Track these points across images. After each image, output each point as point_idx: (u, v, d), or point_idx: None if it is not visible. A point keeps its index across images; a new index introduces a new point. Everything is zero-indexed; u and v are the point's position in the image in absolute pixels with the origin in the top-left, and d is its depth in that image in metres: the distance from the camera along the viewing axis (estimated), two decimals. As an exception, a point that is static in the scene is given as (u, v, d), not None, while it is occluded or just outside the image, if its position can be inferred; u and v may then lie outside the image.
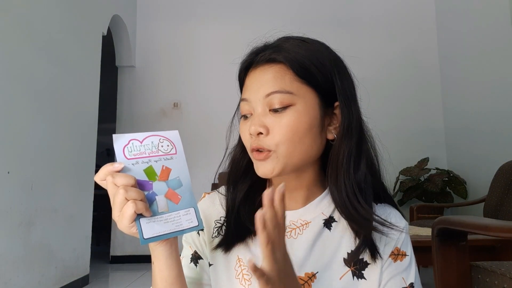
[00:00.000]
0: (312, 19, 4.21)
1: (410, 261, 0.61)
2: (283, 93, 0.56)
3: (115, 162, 0.50)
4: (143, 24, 4.32)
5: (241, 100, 0.61)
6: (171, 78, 4.24)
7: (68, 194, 2.83)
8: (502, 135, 3.21)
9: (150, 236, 0.49)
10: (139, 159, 0.51)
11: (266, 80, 0.57)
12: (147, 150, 0.52)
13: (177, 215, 0.51)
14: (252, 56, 0.61)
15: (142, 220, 0.49)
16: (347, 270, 0.59)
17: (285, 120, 0.56)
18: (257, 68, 0.59)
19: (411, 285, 0.59)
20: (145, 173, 0.51)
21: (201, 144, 3.94)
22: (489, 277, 1.15)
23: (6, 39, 2.18)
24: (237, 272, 0.61)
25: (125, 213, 0.47)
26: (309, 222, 0.62)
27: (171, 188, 0.52)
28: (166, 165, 0.52)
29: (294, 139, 0.56)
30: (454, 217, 1.12)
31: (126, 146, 0.51)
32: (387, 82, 4.18)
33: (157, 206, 0.50)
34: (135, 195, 0.48)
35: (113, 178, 0.48)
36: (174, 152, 0.53)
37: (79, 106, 3.03)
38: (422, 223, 2.70)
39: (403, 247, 0.61)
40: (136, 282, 3.18)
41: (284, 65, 0.57)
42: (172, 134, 0.54)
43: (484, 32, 3.45)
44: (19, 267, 2.23)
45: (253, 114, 0.58)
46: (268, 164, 0.57)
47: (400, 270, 0.59)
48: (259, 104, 0.57)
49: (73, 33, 2.94)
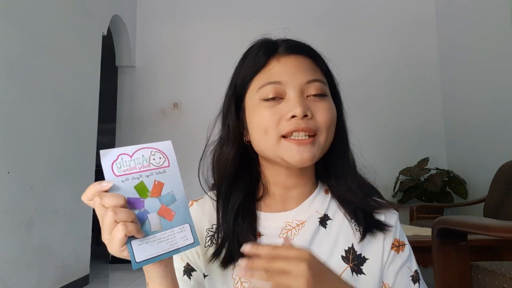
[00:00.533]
0: (312, 19, 4.21)
1: (409, 249, 0.63)
2: (322, 82, 0.59)
3: (103, 180, 0.47)
4: (143, 24, 4.32)
5: (269, 83, 0.57)
6: (171, 78, 4.24)
7: (68, 194, 2.83)
8: (502, 135, 3.21)
9: (143, 259, 0.46)
10: (129, 175, 0.48)
11: (305, 67, 0.58)
12: (137, 164, 0.48)
13: (171, 233, 0.48)
14: (274, 44, 0.61)
15: (133, 242, 0.45)
16: (346, 267, 0.59)
17: (326, 106, 0.57)
18: (290, 56, 0.59)
19: (416, 272, 0.61)
20: (136, 189, 0.47)
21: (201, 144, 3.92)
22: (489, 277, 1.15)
23: (6, 39, 2.18)
24: (235, 280, 0.59)
25: (115, 236, 0.44)
26: (304, 222, 0.62)
27: (164, 204, 0.48)
28: (158, 180, 0.49)
29: (330, 126, 0.58)
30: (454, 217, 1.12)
31: (115, 162, 0.48)
32: (387, 82, 4.18)
33: (149, 225, 0.47)
34: (125, 217, 0.44)
35: (100, 199, 0.45)
36: (167, 164, 0.50)
37: (79, 106, 3.03)
38: (422, 223, 2.70)
39: (401, 237, 0.63)
40: (136, 282, 3.18)
41: (314, 61, 0.60)
42: (164, 145, 0.51)
43: (484, 32, 3.45)
44: (19, 267, 2.23)
45: (285, 98, 0.57)
46: (309, 150, 0.55)
47: (404, 260, 0.61)
48: (297, 88, 0.57)
49: (73, 33, 2.94)
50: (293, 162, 0.56)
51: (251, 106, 0.59)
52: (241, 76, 0.61)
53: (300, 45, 0.61)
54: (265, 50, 0.60)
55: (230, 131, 0.63)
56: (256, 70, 0.59)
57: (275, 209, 0.63)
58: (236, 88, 0.62)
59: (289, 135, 0.55)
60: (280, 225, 0.62)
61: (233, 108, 0.63)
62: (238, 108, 0.63)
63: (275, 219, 0.62)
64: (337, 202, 0.63)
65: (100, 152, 0.48)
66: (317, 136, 0.56)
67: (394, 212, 0.63)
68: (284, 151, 0.56)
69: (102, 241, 0.46)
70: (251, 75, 0.60)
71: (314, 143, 0.56)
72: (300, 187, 0.63)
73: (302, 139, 0.55)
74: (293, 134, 0.55)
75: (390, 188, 3.87)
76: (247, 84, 0.60)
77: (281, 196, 0.63)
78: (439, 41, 4.22)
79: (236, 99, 0.63)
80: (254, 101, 0.59)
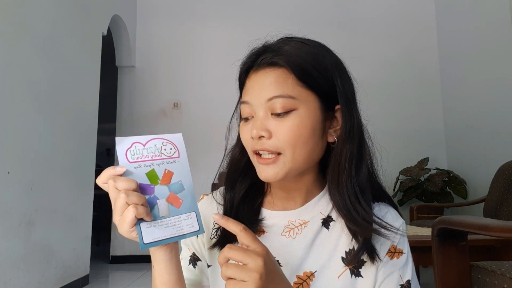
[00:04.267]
0: (312, 19, 4.21)
1: (406, 258, 0.61)
2: (286, 97, 0.55)
3: (117, 165, 0.50)
4: (143, 24, 4.32)
5: (241, 102, 0.60)
6: (171, 78, 4.24)
7: (68, 194, 2.83)
8: (502, 135, 3.21)
9: (151, 241, 0.49)
10: (142, 163, 0.51)
11: (268, 84, 0.56)
12: (149, 153, 0.51)
13: (178, 220, 0.51)
14: (252, 58, 0.60)
15: (142, 225, 0.49)
16: (345, 269, 0.59)
17: (288, 125, 0.55)
18: (258, 71, 0.58)
19: (408, 282, 0.60)
20: (147, 176, 0.51)
21: (201, 144, 3.94)
22: (489, 277, 1.15)
23: (6, 39, 2.18)
24: None
25: (125, 217, 0.47)
26: (308, 222, 0.62)
27: (173, 192, 0.51)
28: (168, 169, 0.52)
29: (297, 143, 0.55)
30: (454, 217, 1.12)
31: (129, 149, 0.51)
32: (387, 82, 4.18)
33: (158, 210, 0.50)
34: (136, 200, 0.47)
35: (114, 182, 0.48)
36: (177, 155, 0.53)
37: (79, 106, 3.03)
38: (422, 223, 2.70)
39: (400, 245, 0.61)
40: (136, 282, 3.18)
41: (286, 69, 0.56)
42: (175, 137, 0.54)
43: (484, 32, 3.45)
44: (19, 267, 2.23)
45: (254, 117, 0.58)
46: (272, 169, 0.56)
47: (397, 268, 0.60)
48: (260, 107, 0.57)
49: (73, 33, 2.94)
50: (260, 178, 0.58)
51: None
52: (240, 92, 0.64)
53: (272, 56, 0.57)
54: (243, 66, 0.61)
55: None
56: (240, 87, 0.63)
57: (279, 207, 0.64)
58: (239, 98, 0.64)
59: (257, 153, 0.58)
60: (283, 223, 0.62)
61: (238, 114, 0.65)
62: None
63: (278, 216, 0.63)
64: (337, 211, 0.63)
65: (116, 139, 0.51)
66: (281, 155, 0.56)
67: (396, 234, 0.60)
68: (256, 167, 0.59)
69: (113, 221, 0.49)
70: (240, 91, 0.63)
71: (278, 161, 0.56)
72: (302, 191, 0.63)
73: (265, 158, 0.57)
74: (260, 153, 0.57)
75: (390, 188, 3.87)
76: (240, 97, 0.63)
77: (283, 197, 0.64)
78: (439, 41, 4.22)
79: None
80: None
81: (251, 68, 0.60)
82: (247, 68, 0.61)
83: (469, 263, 1.21)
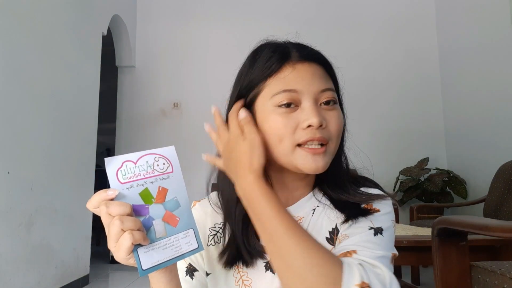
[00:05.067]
0: (313, 20, 4.21)
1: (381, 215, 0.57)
2: (333, 91, 0.59)
3: (109, 188, 0.47)
4: (143, 24, 4.32)
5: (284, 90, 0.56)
6: (171, 78, 4.24)
7: (68, 194, 2.83)
8: (502, 135, 3.21)
9: (149, 266, 0.46)
10: (134, 182, 0.48)
11: (319, 76, 0.58)
12: (142, 171, 0.49)
13: (176, 239, 0.48)
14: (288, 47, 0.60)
15: (140, 250, 0.46)
16: (331, 248, 0.59)
17: (336, 115, 0.58)
18: (304, 63, 0.58)
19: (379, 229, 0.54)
20: (141, 196, 0.48)
21: (201, 144, 3.94)
22: (489, 277, 1.15)
23: (6, 39, 2.18)
24: (236, 278, 0.61)
25: (122, 245, 0.44)
26: (302, 218, 0.63)
27: (169, 210, 0.49)
28: (162, 186, 0.49)
29: (339, 135, 0.59)
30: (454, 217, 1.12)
31: (120, 169, 0.48)
32: (387, 82, 4.18)
33: (154, 231, 0.47)
34: (132, 225, 0.45)
35: (107, 208, 0.45)
36: (171, 170, 0.50)
37: (79, 106, 3.03)
38: (422, 223, 2.70)
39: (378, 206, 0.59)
40: (136, 282, 3.18)
41: (325, 69, 0.60)
42: (167, 151, 0.51)
43: (484, 32, 3.45)
44: (19, 267, 2.23)
45: (300, 106, 0.57)
46: (323, 159, 0.56)
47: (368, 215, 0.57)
48: (311, 97, 0.56)
49: (73, 33, 2.94)
50: (308, 171, 0.56)
51: (263, 112, 0.58)
52: (248, 79, 0.60)
53: (314, 52, 0.61)
54: (279, 55, 0.59)
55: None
56: (268, 75, 0.58)
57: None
58: (241, 91, 0.61)
59: (304, 144, 0.56)
60: None
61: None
62: None
63: None
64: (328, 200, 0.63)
65: (105, 160, 0.48)
66: (328, 145, 0.57)
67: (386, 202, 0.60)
68: (300, 159, 0.56)
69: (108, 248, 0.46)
70: (261, 79, 0.59)
71: (326, 152, 0.57)
72: (301, 189, 0.64)
73: (316, 148, 0.55)
74: (307, 143, 0.56)
75: (390, 188, 3.87)
76: (258, 88, 0.59)
77: (283, 197, 0.64)
78: (439, 41, 4.22)
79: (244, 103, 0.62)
80: (267, 107, 0.57)
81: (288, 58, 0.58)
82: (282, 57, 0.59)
83: (469, 263, 1.21)
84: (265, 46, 0.62)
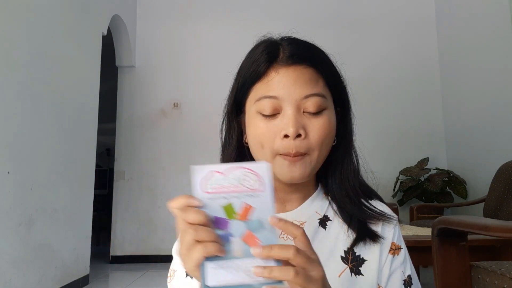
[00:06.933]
0: (313, 20, 4.21)
1: (405, 253, 0.62)
2: (320, 96, 0.56)
3: (194, 197, 0.45)
4: (143, 24, 4.32)
5: (264, 97, 0.56)
6: (171, 78, 4.24)
7: (68, 194, 2.83)
8: (502, 135, 3.21)
9: (215, 285, 0.42)
10: (219, 194, 0.45)
11: (304, 81, 0.55)
12: (229, 184, 0.45)
13: (253, 264, 0.42)
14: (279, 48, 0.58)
15: (208, 264, 0.42)
16: (345, 268, 0.59)
17: (320, 123, 0.55)
18: (290, 66, 0.56)
19: (409, 277, 0.61)
20: (223, 209, 0.45)
21: (201, 144, 3.94)
22: (489, 277, 1.15)
23: (6, 39, 2.18)
24: None
25: (192, 255, 0.42)
26: (304, 223, 0.62)
27: (250, 231, 0.44)
28: (248, 203, 0.45)
29: (324, 143, 0.56)
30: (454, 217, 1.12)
31: (206, 179, 0.45)
32: (387, 82, 4.18)
33: (230, 249, 0.43)
34: (206, 236, 0.42)
35: (184, 214, 0.43)
36: (262, 189, 0.45)
37: (79, 106, 3.03)
38: (422, 223, 2.70)
39: (398, 241, 0.62)
40: (136, 282, 3.18)
41: (316, 70, 0.57)
42: (261, 167, 0.46)
43: (484, 32, 3.45)
44: (19, 267, 2.23)
45: (281, 113, 0.55)
46: (299, 169, 0.55)
47: (398, 264, 0.61)
48: (293, 104, 0.55)
49: (73, 33, 2.94)
50: (284, 180, 0.56)
51: (249, 115, 0.58)
52: (242, 81, 0.60)
53: (303, 53, 0.57)
54: (266, 57, 0.57)
55: (231, 134, 0.63)
56: (255, 79, 0.58)
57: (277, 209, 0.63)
58: (237, 92, 0.61)
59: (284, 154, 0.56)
60: None
61: (234, 112, 0.62)
62: (239, 112, 0.63)
63: None
64: (335, 206, 0.63)
65: (192, 167, 0.45)
66: (308, 155, 0.56)
67: (392, 220, 0.62)
68: (277, 168, 0.56)
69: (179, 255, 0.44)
70: (250, 82, 0.58)
71: (305, 160, 0.55)
72: (300, 190, 0.63)
73: (291, 158, 0.55)
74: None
75: (390, 188, 3.87)
76: (247, 90, 0.59)
77: (281, 198, 0.63)
78: (439, 41, 4.22)
79: (236, 103, 0.62)
80: (251, 112, 0.58)
81: (274, 62, 0.57)
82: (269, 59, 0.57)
83: (469, 263, 1.21)
84: (259, 44, 0.61)
